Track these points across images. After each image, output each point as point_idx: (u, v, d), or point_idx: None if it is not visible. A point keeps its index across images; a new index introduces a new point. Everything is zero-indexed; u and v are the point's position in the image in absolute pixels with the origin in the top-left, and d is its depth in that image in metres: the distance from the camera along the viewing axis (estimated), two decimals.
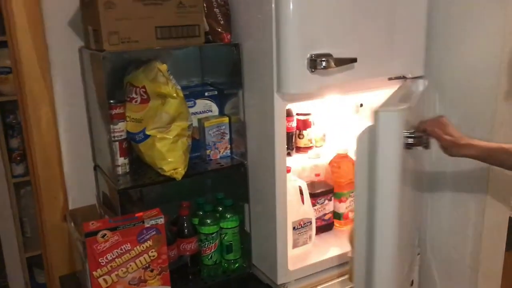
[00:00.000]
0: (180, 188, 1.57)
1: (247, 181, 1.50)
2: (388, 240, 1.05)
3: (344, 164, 1.68)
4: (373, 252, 1.05)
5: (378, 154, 1.02)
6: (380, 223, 1.04)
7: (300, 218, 1.53)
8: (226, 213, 1.53)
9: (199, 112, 1.54)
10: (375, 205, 1.04)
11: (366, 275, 1.09)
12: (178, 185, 1.48)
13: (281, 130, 1.34)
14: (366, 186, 1.07)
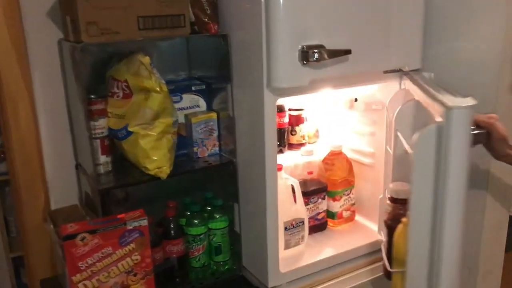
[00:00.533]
0: (167, 187, 1.50)
1: (237, 180, 1.43)
2: (455, 243, 1.02)
3: (338, 161, 1.61)
4: (440, 253, 1.01)
5: (450, 153, 0.96)
6: (449, 224, 1.00)
7: (292, 218, 1.46)
8: (215, 213, 1.47)
9: (186, 108, 1.47)
10: (444, 206, 0.99)
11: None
12: (165, 184, 1.41)
13: (271, 126, 1.27)
14: (430, 187, 1.00)
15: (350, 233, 1.63)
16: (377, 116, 1.54)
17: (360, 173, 1.66)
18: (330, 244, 1.56)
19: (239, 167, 1.42)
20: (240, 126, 1.39)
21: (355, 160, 1.66)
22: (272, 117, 1.27)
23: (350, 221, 1.67)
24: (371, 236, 1.59)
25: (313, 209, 1.58)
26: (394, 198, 1.30)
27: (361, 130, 1.61)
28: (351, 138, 1.67)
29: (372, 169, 1.61)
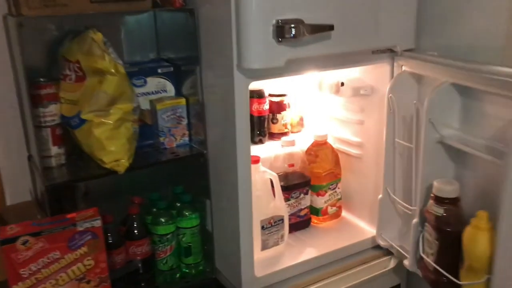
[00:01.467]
0: (134, 181, 1.36)
1: (208, 174, 1.28)
2: None
3: (322, 152, 1.46)
4: None
5: None
6: None
7: (270, 215, 1.31)
8: (184, 210, 1.32)
9: (152, 93, 1.31)
10: None
11: None
12: (131, 178, 1.27)
13: (243, 113, 1.12)
14: None
15: (336, 231, 1.48)
16: (366, 102, 1.39)
17: (347, 165, 1.51)
18: (314, 243, 1.41)
19: (211, 159, 1.27)
20: (210, 113, 1.23)
21: (342, 151, 1.51)
22: (244, 102, 1.11)
23: (336, 218, 1.53)
24: (360, 234, 1.45)
25: (295, 205, 1.43)
26: (443, 198, 1.11)
27: (348, 118, 1.46)
28: (337, 127, 1.52)
29: (360, 161, 1.46)
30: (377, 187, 1.39)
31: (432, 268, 1.13)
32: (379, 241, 1.38)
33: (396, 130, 1.27)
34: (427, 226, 1.14)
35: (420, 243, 1.18)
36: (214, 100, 1.21)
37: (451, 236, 1.09)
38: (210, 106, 1.23)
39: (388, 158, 1.31)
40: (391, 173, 1.32)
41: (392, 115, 1.26)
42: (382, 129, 1.33)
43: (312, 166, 1.46)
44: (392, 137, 1.29)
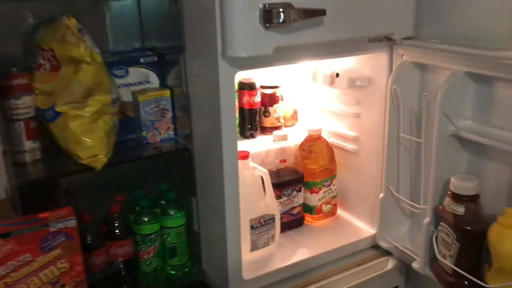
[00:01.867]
0: (118, 178, 1.30)
1: (193, 170, 1.20)
2: None
3: (316, 147, 1.38)
4: None
5: None
6: None
7: (260, 214, 1.24)
8: (169, 208, 1.24)
9: (134, 84, 1.23)
10: None
11: None
12: (115, 174, 1.24)
13: (229, 106, 1.04)
14: None
15: (331, 230, 1.41)
16: (362, 94, 1.31)
17: (342, 161, 1.43)
18: (307, 243, 1.34)
19: (197, 155, 1.19)
20: (196, 105, 1.16)
21: (337, 146, 1.43)
22: (231, 94, 1.04)
23: (331, 217, 1.45)
24: (356, 233, 1.37)
25: (287, 203, 1.35)
26: (462, 195, 1.02)
27: (344, 111, 1.38)
28: (332, 120, 1.44)
29: (356, 156, 1.38)
30: (374, 184, 1.31)
31: (451, 271, 1.04)
32: (380, 242, 1.30)
33: (401, 124, 1.19)
34: (442, 226, 1.06)
35: (434, 244, 1.09)
36: (199, 92, 1.13)
37: (473, 236, 1.01)
38: (195, 98, 1.15)
39: (391, 154, 1.23)
40: (395, 170, 1.24)
41: (396, 108, 1.18)
42: (380, 122, 1.26)
43: (305, 162, 1.38)
44: (396, 131, 1.21)
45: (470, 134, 1.02)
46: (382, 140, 1.26)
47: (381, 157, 1.28)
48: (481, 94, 1.03)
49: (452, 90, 1.02)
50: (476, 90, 1.04)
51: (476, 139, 1.01)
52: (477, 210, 1.02)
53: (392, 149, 1.23)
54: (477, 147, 1.04)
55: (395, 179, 1.24)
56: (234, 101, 1.05)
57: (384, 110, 1.24)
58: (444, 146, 1.06)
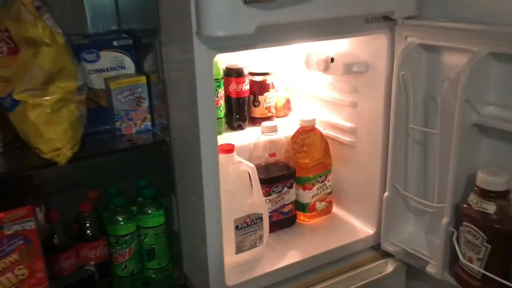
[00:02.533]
0: (94, 173, 1.19)
1: (172, 165, 1.09)
2: None
3: (309, 140, 1.27)
4: None
5: None
6: None
7: (246, 213, 1.12)
8: (146, 207, 1.13)
9: (106, 69, 1.12)
10: None
11: None
12: (90, 169, 1.17)
13: (207, 93, 0.92)
14: None
15: (326, 229, 1.29)
16: (360, 81, 1.19)
17: (338, 154, 1.31)
18: (299, 244, 1.22)
19: (175, 148, 1.08)
20: (172, 93, 1.04)
21: (333, 138, 1.31)
22: (208, 79, 0.92)
23: (326, 215, 1.34)
24: (353, 233, 1.26)
25: (277, 201, 1.24)
26: (491, 191, 0.90)
27: (339, 100, 1.26)
28: (326, 110, 1.32)
29: (353, 149, 1.26)
30: (373, 180, 1.20)
31: (480, 275, 0.93)
32: (385, 246, 1.19)
33: (411, 114, 1.07)
34: (468, 226, 0.93)
35: (456, 247, 0.97)
36: (175, 78, 1.02)
37: (507, 237, 0.89)
38: (172, 85, 1.04)
39: (397, 148, 1.11)
40: (402, 166, 1.13)
41: (405, 96, 1.06)
42: (379, 112, 1.14)
43: (297, 155, 1.27)
44: (404, 123, 1.09)
45: (496, 122, 0.90)
46: (382, 132, 1.15)
47: (381, 151, 1.17)
48: (506, 76, 0.91)
49: (475, 74, 0.90)
50: (500, 72, 0.91)
51: (504, 127, 0.89)
52: (509, 208, 0.90)
53: (399, 143, 1.11)
54: (499, 136, 0.93)
55: (402, 175, 1.13)
56: (213, 88, 0.93)
57: (384, 99, 1.12)
58: (465, 137, 0.94)
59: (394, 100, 1.06)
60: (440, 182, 1.02)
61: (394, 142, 1.10)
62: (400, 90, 1.04)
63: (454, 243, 0.97)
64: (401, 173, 1.12)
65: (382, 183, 1.18)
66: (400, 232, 1.17)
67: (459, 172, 0.95)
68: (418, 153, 1.11)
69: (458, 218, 0.96)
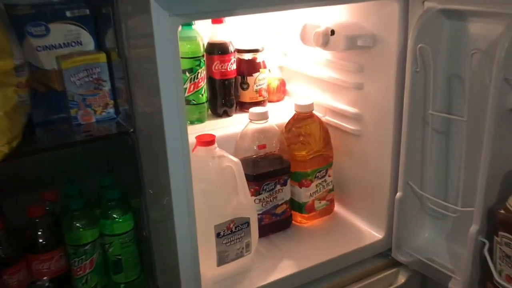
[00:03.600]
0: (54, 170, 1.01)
1: (138, 160, 0.91)
2: None
3: (307, 128, 1.08)
4: None
5: None
6: None
7: (230, 218, 0.94)
8: (111, 210, 0.95)
9: (59, 46, 0.93)
10: None
11: None
12: (49, 165, 0.99)
13: (170, 71, 0.73)
14: None
15: (327, 233, 1.10)
16: (366, 57, 1.00)
17: (341, 145, 1.12)
18: (295, 252, 1.04)
19: (141, 140, 0.89)
20: (134, 74, 0.85)
21: (334, 126, 1.12)
22: (172, 53, 0.73)
23: (327, 215, 1.15)
24: (358, 237, 1.08)
25: (268, 201, 1.05)
26: None
27: (342, 81, 1.06)
28: (327, 93, 1.12)
29: (358, 139, 1.07)
30: (381, 175, 1.02)
31: None
32: (398, 256, 1.00)
33: (430, 97, 0.87)
34: (505, 236, 0.75)
35: (489, 261, 0.78)
36: (136, 54, 0.83)
37: None
38: (133, 64, 0.84)
39: (412, 139, 0.92)
40: (418, 160, 0.94)
41: (422, 75, 0.86)
42: (389, 95, 0.95)
43: (293, 147, 1.08)
44: (421, 108, 0.89)
45: None
46: (393, 118, 0.96)
47: (391, 141, 0.98)
48: None
49: None
50: None
51: None
52: None
53: (414, 132, 0.91)
54: None
55: (418, 172, 0.94)
56: (179, 65, 0.74)
57: (395, 79, 0.93)
58: (502, 125, 0.74)
59: (409, 80, 0.86)
60: (467, 181, 0.83)
61: (409, 132, 0.90)
62: (417, 67, 0.84)
63: (486, 257, 0.77)
64: (416, 168, 0.93)
65: (393, 180, 0.99)
66: (415, 238, 0.99)
67: (493, 169, 0.75)
68: (438, 145, 0.92)
69: (492, 226, 0.77)
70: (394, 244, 0.99)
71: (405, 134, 0.90)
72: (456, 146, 0.88)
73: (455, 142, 0.89)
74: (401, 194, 0.94)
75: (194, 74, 1.06)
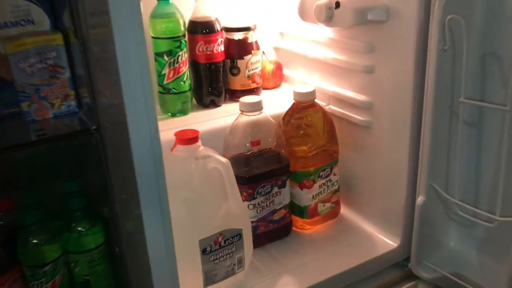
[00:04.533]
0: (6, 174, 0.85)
1: (104, 163, 0.75)
2: None
3: (308, 119, 0.92)
4: None
5: None
6: None
7: (218, 230, 0.78)
8: (76, 222, 0.80)
9: (5, 25, 0.76)
10: None
11: None
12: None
13: (131, 52, 0.57)
14: None
15: (332, 241, 0.95)
16: (378, 35, 0.84)
17: (348, 138, 0.97)
18: (296, 265, 0.89)
19: (107, 139, 0.73)
20: (97, 58, 0.69)
21: (340, 117, 0.96)
22: (134, 29, 0.56)
23: (332, 219, 1.00)
24: (369, 246, 0.93)
25: (265, 206, 0.90)
26: None
27: (349, 63, 0.90)
28: (331, 78, 0.96)
29: (368, 132, 0.92)
30: (396, 174, 0.88)
31: None
32: (419, 271, 0.85)
33: (462, 82, 0.71)
34: None
35: None
36: (95, 34, 0.66)
37: None
38: (95, 47, 0.68)
39: (437, 132, 0.77)
40: (443, 158, 0.78)
41: (451, 54, 0.70)
42: (407, 80, 0.80)
43: (292, 141, 0.92)
44: (449, 94, 0.73)
45: None
46: (411, 107, 0.80)
47: (409, 135, 0.82)
48: None
49: None
50: None
51: None
52: None
53: (440, 124, 0.76)
54: None
55: (443, 172, 0.78)
56: (142, 45, 0.57)
57: (414, 60, 0.77)
58: None
59: (435, 61, 0.70)
60: (508, 184, 0.67)
61: (434, 124, 0.74)
62: (445, 44, 0.68)
63: None
64: (442, 168, 0.78)
65: (410, 180, 0.85)
66: (438, 250, 0.84)
67: None
68: (468, 140, 0.76)
69: None
70: (413, 256, 0.84)
71: (428, 126, 0.75)
72: (492, 142, 0.72)
73: (491, 137, 0.73)
74: (423, 199, 0.79)
75: (174, 58, 0.90)
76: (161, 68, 0.91)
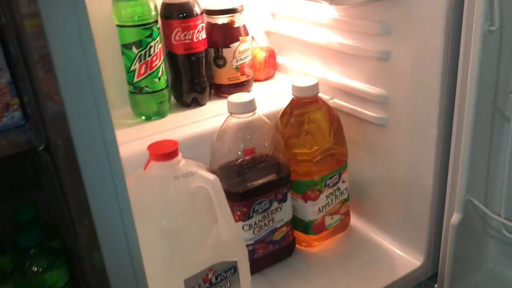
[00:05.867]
0: None
1: (57, 187, 0.59)
2: None
3: (310, 117, 0.76)
4: None
5: None
6: None
7: (207, 265, 0.63)
8: (30, 259, 0.64)
9: None
10: None
11: None
12: None
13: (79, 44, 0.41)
14: None
15: (343, 259, 0.81)
16: (395, 12, 0.68)
17: (359, 139, 0.81)
18: None
19: (60, 158, 0.57)
20: (41, 54, 0.52)
21: (349, 113, 0.81)
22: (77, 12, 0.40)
23: (341, 233, 0.85)
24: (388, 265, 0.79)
25: (263, 225, 0.75)
26: None
27: (359, 49, 0.75)
28: (337, 68, 0.81)
29: (383, 131, 0.77)
30: (418, 180, 0.73)
31: None
32: None
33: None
34: None
35: None
36: (31, 25, 0.50)
37: None
38: (34, 41, 0.52)
39: (477, 135, 0.61)
40: (483, 167, 0.64)
41: (498, 36, 0.55)
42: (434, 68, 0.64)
43: (292, 142, 0.76)
44: (492, 88, 0.58)
45: None
46: (438, 102, 0.65)
47: (435, 135, 0.67)
48: None
49: None
50: None
51: None
52: None
53: (481, 125, 0.60)
54: None
55: (483, 183, 0.63)
56: (90, 35, 0.41)
57: (443, 43, 0.62)
58: None
59: (479, 45, 0.55)
60: None
61: (473, 125, 0.59)
62: (492, 24, 0.52)
63: None
64: (481, 178, 0.63)
65: (436, 189, 0.70)
66: (475, 272, 0.69)
67: None
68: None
69: None
70: (447, 281, 0.70)
71: (468, 127, 0.59)
72: None
73: None
74: (460, 216, 0.64)
75: (145, 50, 0.74)
76: (130, 63, 0.74)
